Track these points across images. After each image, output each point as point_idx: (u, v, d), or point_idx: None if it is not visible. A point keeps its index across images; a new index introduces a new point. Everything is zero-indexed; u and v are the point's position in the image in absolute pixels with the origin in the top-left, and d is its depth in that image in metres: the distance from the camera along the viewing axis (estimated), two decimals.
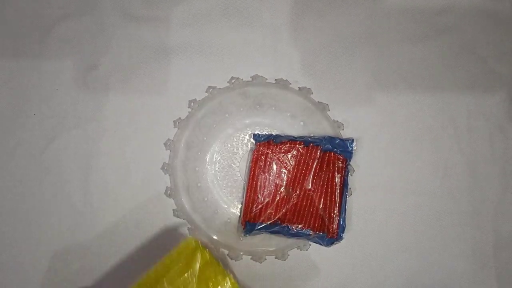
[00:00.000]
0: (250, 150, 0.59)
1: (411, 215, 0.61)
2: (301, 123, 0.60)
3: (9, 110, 0.60)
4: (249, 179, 0.58)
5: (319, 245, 0.58)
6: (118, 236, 0.59)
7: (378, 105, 0.62)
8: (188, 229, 0.59)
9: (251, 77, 0.61)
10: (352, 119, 0.61)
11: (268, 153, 0.58)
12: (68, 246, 0.58)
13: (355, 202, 0.60)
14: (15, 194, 0.59)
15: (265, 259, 0.59)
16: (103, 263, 0.58)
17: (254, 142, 0.59)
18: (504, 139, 0.62)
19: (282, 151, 0.58)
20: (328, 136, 0.59)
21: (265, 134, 0.60)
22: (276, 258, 0.59)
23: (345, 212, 0.58)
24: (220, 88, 0.61)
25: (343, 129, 0.61)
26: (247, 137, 0.60)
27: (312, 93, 0.61)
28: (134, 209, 0.59)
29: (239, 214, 0.59)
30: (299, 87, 0.61)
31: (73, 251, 0.58)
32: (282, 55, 0.62)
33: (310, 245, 0.59)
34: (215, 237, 0.59)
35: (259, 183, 0.58)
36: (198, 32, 0.62)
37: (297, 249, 0.59)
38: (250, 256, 0.59)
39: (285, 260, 0.59)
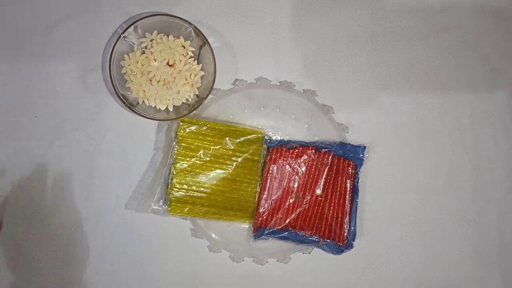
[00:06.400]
0: (262, 155, 0.59)
1: (415, 215, 0.62)
2: (306, 125, 0.60)
3: (10, 111, 0.59)
4: (261, 184, 0.58)
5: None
6: (120, 235, 0.59)
7: (381, 106, 0.62)
8: (191, 230, 0.59)
9: (255, 79, 0.60)
10: (357, 122, 0.61)
11: (280, 158, 0.58)
12: (69, 247, 0.59)
13: (365, 207, 0.61)
14: (16, 195, 0.58)
15: (267, 262, 0.59)
16: (105, 263, 0.59)
17: (266, 147, 0.59)
18: (507, 137, 0.63)
19: (294, 156, 0.58)
20: (340, 142, 0.59)
21: (277, 139, 0.59)
22: (277, 261, 0.59)
23: (355, 218, 0.58)
24: (224, 90, 0.60)
25: (347, 132, 0.61)
26: None
27: (317, 95, 0.60)
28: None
29: None
30: (303, 89, 0.61)
31: (74, 252, 0.59)
32: (286, 56, 0.61)
33: (312, 248, 0.59)
34: (217, 238, 0.59)
35: (270, 188, 0.58)
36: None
37: (300, 252, 0.59)
38: (252, 258, 0.59)
39: (287, 264, 0.59)
